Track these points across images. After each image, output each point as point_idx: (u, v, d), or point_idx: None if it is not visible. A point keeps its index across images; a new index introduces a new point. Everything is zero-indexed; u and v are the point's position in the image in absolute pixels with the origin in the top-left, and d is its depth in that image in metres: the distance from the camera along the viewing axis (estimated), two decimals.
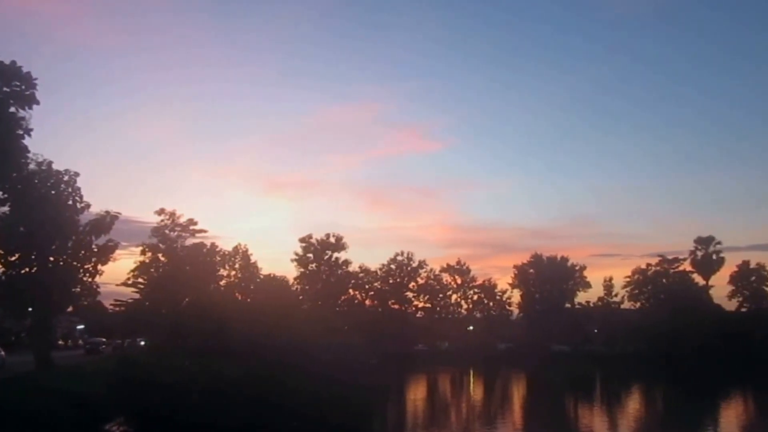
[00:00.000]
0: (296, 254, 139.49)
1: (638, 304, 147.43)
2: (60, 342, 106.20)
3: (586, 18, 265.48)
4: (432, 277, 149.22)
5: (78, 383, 35.96)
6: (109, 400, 31.92)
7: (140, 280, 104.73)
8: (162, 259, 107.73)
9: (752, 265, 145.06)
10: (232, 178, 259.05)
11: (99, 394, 32.71)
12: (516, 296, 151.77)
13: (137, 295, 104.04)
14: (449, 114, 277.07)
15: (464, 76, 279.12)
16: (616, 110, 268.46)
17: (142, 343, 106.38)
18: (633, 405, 72.86)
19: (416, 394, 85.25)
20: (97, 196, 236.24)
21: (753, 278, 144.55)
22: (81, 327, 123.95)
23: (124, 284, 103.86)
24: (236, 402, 24.87)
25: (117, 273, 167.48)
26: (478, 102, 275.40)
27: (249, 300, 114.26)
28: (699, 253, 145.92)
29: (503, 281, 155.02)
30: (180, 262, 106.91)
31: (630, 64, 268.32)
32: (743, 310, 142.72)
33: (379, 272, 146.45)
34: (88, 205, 63.52)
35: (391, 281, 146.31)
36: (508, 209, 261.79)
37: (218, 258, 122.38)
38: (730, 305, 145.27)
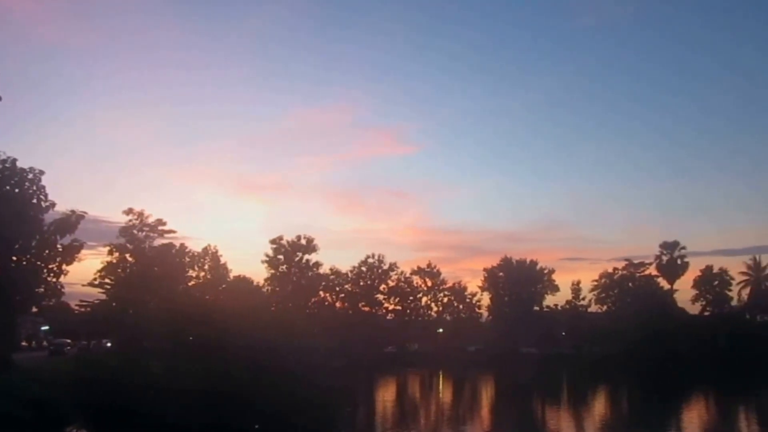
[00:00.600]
0: (267, 256, 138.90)
1: (605, 308, 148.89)
2: (24, 343, 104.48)
3: (561, 24, 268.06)
4: (403, 279, 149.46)
5: (38, 385, 35.35)
6: (69, 402, 31.46)
7: (107, 280, 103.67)
8: (129, 259, 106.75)
9: (715, 270, 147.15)
10: (203, 179, 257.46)
11: (59, 396, 32.23)
12: (486, 299, 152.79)
13: (104, 296, 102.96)
14: (422, 117, 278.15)
15: (438, 79, 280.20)
16: (585, 116, 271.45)
17: (109, 344, 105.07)
18: (599, 406, 73.58)
19: (385, 396, 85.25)
20: (67, 195, 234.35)
21: (716, 283, 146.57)
22: (45, 328, 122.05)
23: (91, 285, 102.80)
24: (198, 402, 24.67)
25: (83, 273, 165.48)
26: (451, 105, 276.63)
27: (217, 301, 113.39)
28: (664, 258, 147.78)
29: (473, 284, 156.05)
30: (148, 262, 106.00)
31: (602, 70, 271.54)
32: (706, 313, 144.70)
33: (349, 274, 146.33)
34: (53, 204, 62.86)
35: (361, 283, 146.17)
36: (479, 212, 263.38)
37: (187, 259, 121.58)
38: (694, 309, 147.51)
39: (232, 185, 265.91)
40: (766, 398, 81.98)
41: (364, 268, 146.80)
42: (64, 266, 65.55)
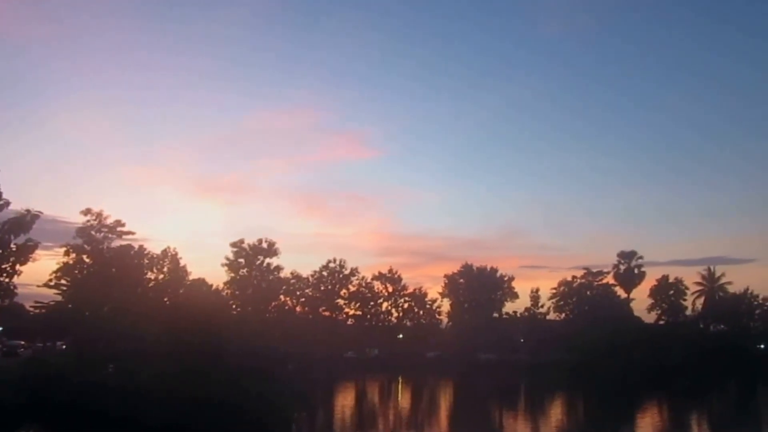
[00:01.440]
0: (227, 259, 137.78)
1: (563, 315, 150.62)
2: None
3: (527, 31, 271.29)
4: (363, 284, 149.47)
5: None
6: (21, 403, 30.96)
7: (63, 281, 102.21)
8: (87, 260, 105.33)
9: (671, 280, 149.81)
10: (163, 180, 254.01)
11: (10, 397, 31.69)
12: (446, 305, 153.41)
13: (60, 297, 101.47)
14: (386, 122, 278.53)
15: (403, 84, 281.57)
16: (547, 124, 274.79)
17: (64, 346, 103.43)
18: (555, 413, 74.38)
19: (344, 400, 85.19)
20: (23, 195, 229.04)
21: (671, 292, 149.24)
22: None
23: (46, 285, 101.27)
24: (151, 404, 24.48)
25: (39, 274, 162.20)
26: (416, 111, 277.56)
27: (175, 304, 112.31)
28: (621, 267, 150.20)
29: (434, 290, 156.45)
30: (106, 263, 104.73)
31: (566, 78, 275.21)
32: (661, 322, 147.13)
33: (310, 279, 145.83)
34: (8, 203, 61.81)
35: (322, 288, 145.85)
36: (441, 219, 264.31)
37: (146, 261, 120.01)
38: (650, 318, 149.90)
39: (193, 187, 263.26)
40: (717, 406, 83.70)
41: (325, 273, 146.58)
42: (17, 266, 64.49)
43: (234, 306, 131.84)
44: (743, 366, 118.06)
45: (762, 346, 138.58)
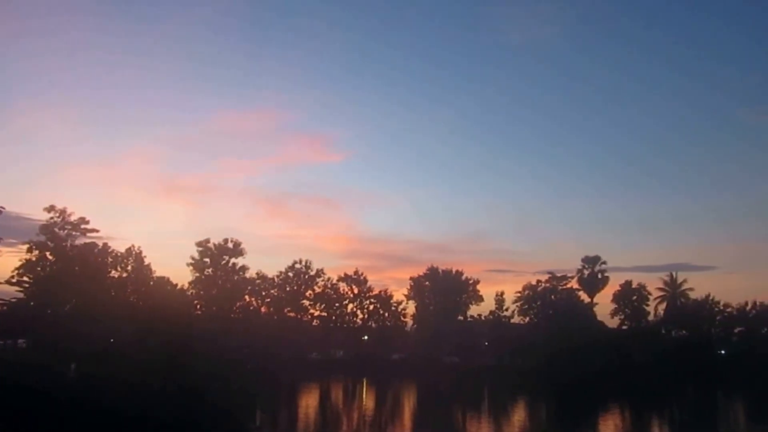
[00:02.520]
0: (192, 258, 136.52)
1: (527, 319, 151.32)
2: None
3: (490, 40, 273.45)
4: (329, 286, 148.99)
5: None
6: None
7: (25, 278, 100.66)
8: (50, 257, 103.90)
9: (634, 285, 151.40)
10: (127, 179, 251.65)
11: None
12: (411, 308, 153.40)
13: (21, 295, 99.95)
14: (352, 126, 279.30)
15: (369, 89, 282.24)
16: (513, 131, 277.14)
17: (24, 344, 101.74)
18: (518, 416, 75.07)
19: (308, 402, 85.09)
20: None
21: (634, 297, 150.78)
22: None
23: (8, 282, 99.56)
24: (103, 404, 24.29)
25: (0, 271, 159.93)
26: (381, 115, 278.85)
27: (139, 303, 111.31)
28: (585, 272, 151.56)
29: (399, 293, 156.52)
30: (69, 261, 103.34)
31: (528, 87, 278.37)
32: (624, 327, 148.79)
33: (276, 279, 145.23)
34: None
35: (288, 289, 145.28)
36: (407, 223, 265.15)
37: (110, 259, 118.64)
38: (613, 323, 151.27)
39: (157, 186, 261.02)
40: (677, 411, 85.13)
41: (290, 274, 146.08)
42: None
43: (198, 306, 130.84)
44: (704, 371, 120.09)
45: (722, 352, 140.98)
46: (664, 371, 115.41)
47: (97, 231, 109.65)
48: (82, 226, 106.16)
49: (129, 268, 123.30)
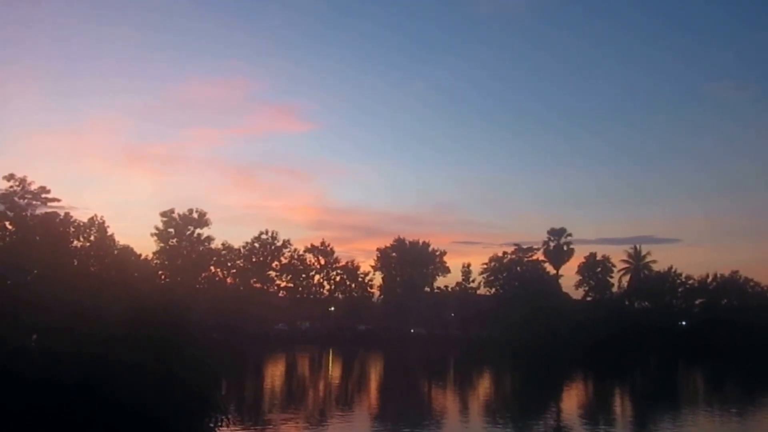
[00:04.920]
0: (156, 228, 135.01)
1: (493, 290, 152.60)
2: None
3: (461, 11, 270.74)
4: (296, 257, 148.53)
5: None
6: None
7: None
8: (9, 227, 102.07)
9: (599, 257, 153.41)
10: (89, 148, 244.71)
11: None
12: (378, 279, 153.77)
13: None
14: (320, 96, 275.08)
15: (338, 58, 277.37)
16: (480, 103, 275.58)
17: None
18: (483, 386, 75.61)
19: (274, 373, 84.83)
20: None
21: (599, 269, 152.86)
22: None
23: None
24: (65, 381, 23.56)
25: None
26: (349, 86, 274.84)
27: (103, 274, 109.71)
28: (551, 244, 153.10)
29: (366, 264, 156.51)
30: (29, 231, 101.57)
31: (498, 59, 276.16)
32: (589, 299, 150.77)
33: (242, 250, 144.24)
34: None
35: (254, 260, 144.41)
36: (375, 194, 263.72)
37: (72, 229, 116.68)
38: (578, 294, 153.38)
39: (121, 156, 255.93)
40: (639, 381, 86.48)
41: (257, 245, 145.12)
42: None
43: (163, 276, 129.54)
44: (666, 342, 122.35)
45: (683, 323, 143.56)
46: (627, 342, 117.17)
47: (59, 200, 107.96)
48: (43, 195, 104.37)
49: (92, 238, 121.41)
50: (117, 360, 25.31)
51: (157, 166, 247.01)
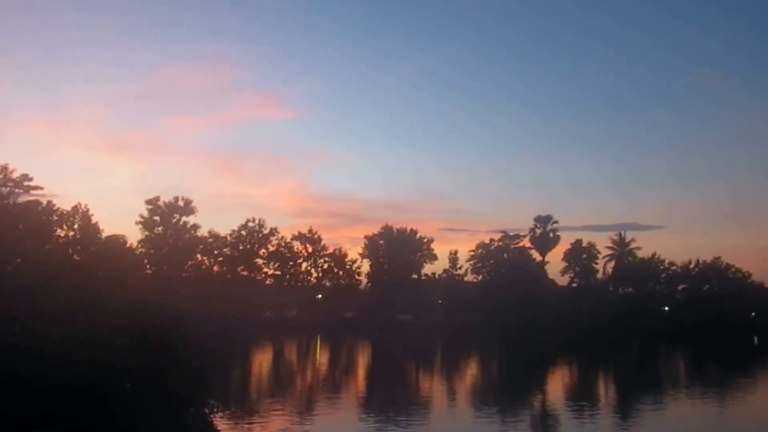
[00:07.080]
0: (141, 217, 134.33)
1: (480, 277, 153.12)
2: None
3: None
4: (283, 244, 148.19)
5: None
6: None
7: None
8: None
9: (584, 244, 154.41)
10: (72, 136, 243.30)
11: None
12: (365, 266, 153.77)
13: None
14: (305, 82, 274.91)
15: (322, 45, 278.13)
16: (464, 89, 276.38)
17: None
18: (469, 372, 76.05)
19: (261, 360, 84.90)
20: None
21: (584, 256, 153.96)
22: None
23: None
24: (52, 371, 23.44)
25: None
26: (335, 72, 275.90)
27: (85, 262, 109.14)
28: (537, 231, 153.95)
29: (354, 251, 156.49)
30: (11, 219, 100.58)
31: (484, 46, 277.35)
32: (574, 285, 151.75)
33: (228, 238, 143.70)
34: None
35: (240, 247, 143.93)
36: (361, 181, 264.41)
37: (55, 217, 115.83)
38: (563, 280, 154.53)
39: (104, 143, 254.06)
40: (623, 365, 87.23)
41: (243, 232, 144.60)
42: None
43: (148, 265, 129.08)
44: (648, 327, 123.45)
45: (666, 308, 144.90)
46: (611, 327, 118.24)
47: (41, 188, 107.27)
48: (26, 183, 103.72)
49: (76, 226, 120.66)
50: (108, 361, 25.09)
51: (141, 153, 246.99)
